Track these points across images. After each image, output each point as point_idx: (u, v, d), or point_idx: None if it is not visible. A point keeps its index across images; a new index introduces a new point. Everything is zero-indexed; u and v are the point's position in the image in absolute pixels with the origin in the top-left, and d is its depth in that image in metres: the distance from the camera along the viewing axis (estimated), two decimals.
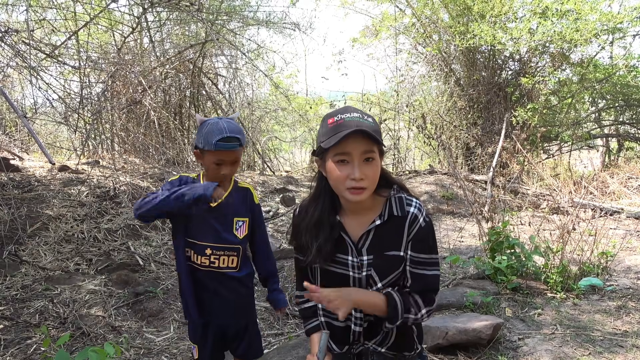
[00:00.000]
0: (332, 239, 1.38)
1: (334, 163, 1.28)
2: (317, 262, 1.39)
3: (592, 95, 9.97)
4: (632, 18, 7.50)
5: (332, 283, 1.40)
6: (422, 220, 1.36)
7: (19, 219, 4.31)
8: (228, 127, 1.81)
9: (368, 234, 1.37)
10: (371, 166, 1.28)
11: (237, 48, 9.15)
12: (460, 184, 6.83)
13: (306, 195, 1.50)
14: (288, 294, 3.88)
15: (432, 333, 2.86)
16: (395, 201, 1.37)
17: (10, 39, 5.62)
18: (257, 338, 2.11)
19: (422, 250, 1.37)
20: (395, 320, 1.34)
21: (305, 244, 1.41)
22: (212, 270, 1.92)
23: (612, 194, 7.71)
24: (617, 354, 2.84)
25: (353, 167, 1.26)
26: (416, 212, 1.36)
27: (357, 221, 1.39)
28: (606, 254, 4.18)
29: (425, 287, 1.38)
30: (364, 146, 1.26)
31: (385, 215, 1.36)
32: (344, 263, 1.39)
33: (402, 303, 1.34)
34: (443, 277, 4.38)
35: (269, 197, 7.10)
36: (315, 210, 1.40)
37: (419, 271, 1.37)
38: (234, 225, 1.93)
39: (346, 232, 1.39)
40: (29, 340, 3.01)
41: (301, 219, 1.45)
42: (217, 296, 1.95)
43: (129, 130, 7.48)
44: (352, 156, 1.26)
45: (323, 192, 1.40)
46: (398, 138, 11.09)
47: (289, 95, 10.79)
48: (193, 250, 1.92)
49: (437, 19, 9.57)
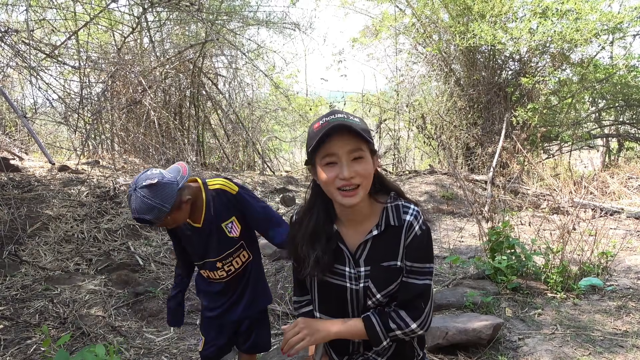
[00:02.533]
0: (329, 250, 1.33)
1: (321, 167, 1.25)
2: (315, 274, 1.35)
3: (592, 95, 9.96)
4: (632, 18, 7.50)
5: (329, 293, 1.37)
6: (418, 228, 1.31)
7: (19, 219, 4.31)
8: (135, 207, 1.67)
9: (365, 244, 1.34)
10: (360, 164, 1.24)
11: (237, 48, 9.15)
12: (460, 184, 6.83)
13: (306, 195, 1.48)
14: (288, 294, 3.88)
15: (432, 333, 2.86)
16: (392, 210, 1.33)
17: (10, 39, 5.62)
18: (266, 331, 2.16)
19: (416, 259, 1.32)
20: (379, 342, 1.31)
21: (303, 256, 1.36)
22: (233, 276, 2.00)
23: (612, 194, 7.70)
24: (617, 354, 2.84)
25: (341, 166, 1.23)
26: (412, 220, 1.31)
27: (354, 230, 1.36)
28: (606, 254, 4.17)
29: (412, 296, 1.32)
30: (350, 144, 1.23)
31: (382, 225, 1.33)
32: (341, 274, 1.35)
33: (379, 324, 1.30)
34: (443, 277, 4.37)
35: (269, 197, 7.10)
36: (310, 221, 1.36)
37: (409, 280, 1.33)
38: (225, 230, 1.92)
39: (343, 242, 1.35)
40: (29, 340, 3.01)
41: (296, 230, 1.40)
42: (237, 294, 2.03)
43: (129, 130, 7.48)
44: (339, 156, 1.23)
45: (317, 202, 1.36)
46: (398, 138, 11.09)
47: (289, 95, 10.79)
48: (208, 270, 1.99)
49: (437, 19, 9.57)
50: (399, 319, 1.31)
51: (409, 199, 1.38)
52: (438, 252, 5.24)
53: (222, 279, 1.98)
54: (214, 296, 2.04)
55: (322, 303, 1.41)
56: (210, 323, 2.08)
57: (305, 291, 1.49)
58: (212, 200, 1.89)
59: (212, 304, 2.05)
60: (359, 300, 1.35)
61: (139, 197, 1.65)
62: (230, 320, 2.04)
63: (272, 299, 2.22)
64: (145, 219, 1.67)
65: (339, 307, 1.38)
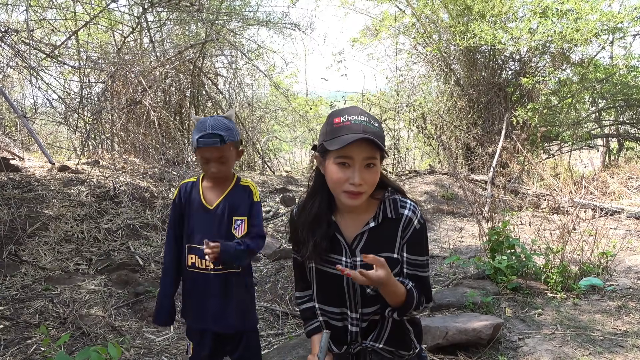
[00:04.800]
0: (327, 236, 1.38)
1: (334, 165, 1.28)
2: (312, 258, 1.40)
3: (592, 95, 9.95)
4: (633, 18, 7.50)
5: (327, 283, 1.42)
6: (417, 223, 1.36)
7: (19, 219, 4.31)
8: (212, 124, 1.81)
9: (362, 235, 1.37)
10: (371, 172, 1.28)
11: (237, 48, 9.14)
12: (460, 184, 6.83)
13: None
14: (288, 294, 3.88)
15: (432, 333, 2.86)
16: (389, 203, 1.38)
17: (10, 39, 5.62)
18: (255, 341, 2.07)
19: (418, 253, 1.38)
20: (406, 311, 1.36)
21: (302, 240, 1.42)
22: (218, 273, 1.91)
23: (613, 194, 7.70)
24: (617, 354, 2.84)
25: (354, 171, 1.26)
26: (410, 214, 1.35)
27: (352, 222, 1.40)
28: (606, 254, 4.17)
29: (421, 288, 1.39)
30: (366, 152, 1.26)
31: (379, 218, 1.37)
32: (337, 263, 1.38)
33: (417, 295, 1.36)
34: (443, 277, 4.37)
35: (269, 197, 7.10)
36: (312, 207, 1.40)
37: (416, 273, 1.38)
38: (233, 224, 1.92)
39: (340, 232, 1.39)
40: (29, 340, 3.01)
41: (299, 214, 1.45)
42: (218, 299, 1.93)
43: (129, 130, 7.47)
44: (353, 160, 1.26)
45: (320, 189, 1.40)
46: (398, 138, 11.08)
47: (289, 95, 10.78)
48: (197, 256, 1.92)
49: (437, 19, 9.57)
50: (420, 303, 1.38)
51: (405, 195, 1.43)
52: (438, 252, 5.24)
53: (207, 270, 1.91)
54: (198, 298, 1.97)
55: (321, 292, 1.45)
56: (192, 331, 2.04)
57: (307, 286, 1.53)
58: (237, 190, 1.96)
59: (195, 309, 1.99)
60: (356, 290, 1.39)
61: (218, 119, 1.86)
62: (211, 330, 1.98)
63: (256, 324, 2.10)
64: (218, 133, 1.80)
65: (337, 296, 1.41)
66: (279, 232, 5.73)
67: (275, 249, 4.92)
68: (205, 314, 1.95)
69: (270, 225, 5.92)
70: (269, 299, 3.89)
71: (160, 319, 2.03)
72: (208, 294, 1.93)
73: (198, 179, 2.01)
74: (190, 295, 2.00)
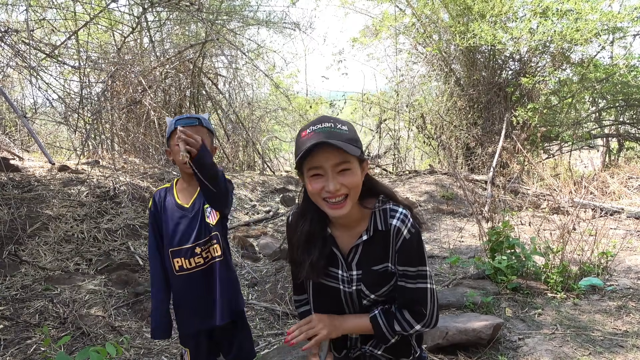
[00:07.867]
0: (324, 255, 1.35)
1: (309, 178, 1.25)
2: (310, 277, 1.37)
3: (592, 95, 9.95)
4: (633, 18, 7.50)
5: (324, 296, 1.40)
6: (407, 232, 1.30)
7: (19, 219, 4.31)
8: (191, 115, 1.93)
9: (357, 248, 1.35)
10: (347, 176, 1.23)
11: (237, 48, 9.14)
12: (460, 184, 6.83)
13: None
14: (288, 294, 3.88)
15: (432, 333, 2.86)
16: (379, 214, 1.34)
17: (10, 39, 5.61)
18: (248, 340, 2.11)
19: (408, 263, 1.32)
20: (386, 340, 1.34)
21: (298, 260, 1.38)
22: (202, 269, 1.94)
23: (613, 194, 7.70)
24: (617, 354, 2.84)
25: (327, 179, 1.22)
26: (399, 224, 1.31)
27: (347, 234, 1.37)
28: (606, 254, 4.17)
29: (409, 300, 1.33)
30: (335, 158, 1.21)
31: (370, 231, 1.34)
32: (334, 277, 1.37)
33: (385, 325, 1.32)
34: (443, 277, 4.37)
35: (269, 197, 7.10)
36: (304, 226, 1.37)
37: (404, 284, 1.33)
38: (205, 214, 1.95)
39: (337, 245, 1.37)
40: (29, 340, 3.01)
41: (292, 234, 1.42)
42: (205, 296, 1.95)
43: (128, 130, 7.47)
44: (324, 169, 1.23)
45: (309, 206, 1.36)
46: (398, 138, 11.08)
47: (289, 95, 10.78)
48: (184, 258, 1.93)
49: (437, 18, 9.57)
50: (403, 320, 1.33)
51: (399, 201, 1.38)
52: (438, 252, 5.24)
53: (198, 266, 1.93)
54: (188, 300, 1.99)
55: (318, 304, 1.43)
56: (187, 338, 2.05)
57: (304, 291, 1.53)
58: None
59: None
60: (354, 301, 1.37)
61: (194, 113, 1.98)
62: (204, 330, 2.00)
63: (243, 306, 2.12)
64: (195, 116, 1.90)
65: (334, 307, 1.40)
66: (279, 232, 5.73)
67: (275, 249, 4.92)
68: (194, 315, 1.97)
69: (270, 225, 5.92)
70: (269, 299, 3.89)
71: (158, 334, 2.04)
72: (195, 294, 1.96)
73: (172, 184, 2.05)
74: (179, 303, 2.01)
